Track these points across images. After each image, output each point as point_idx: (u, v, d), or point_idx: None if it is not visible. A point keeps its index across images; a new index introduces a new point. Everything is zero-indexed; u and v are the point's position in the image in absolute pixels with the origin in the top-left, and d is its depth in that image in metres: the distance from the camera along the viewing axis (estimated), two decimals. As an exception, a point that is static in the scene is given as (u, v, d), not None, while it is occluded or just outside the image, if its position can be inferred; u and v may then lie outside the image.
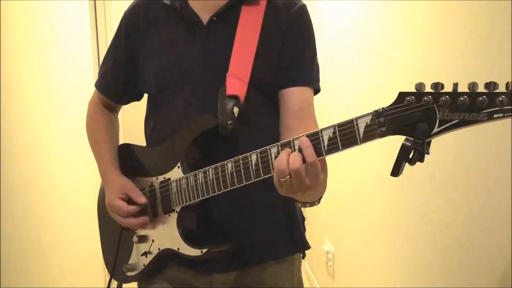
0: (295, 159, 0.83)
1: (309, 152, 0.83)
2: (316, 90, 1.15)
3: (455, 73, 1.23)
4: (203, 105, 1.09)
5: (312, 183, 0.85)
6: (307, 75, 1.12)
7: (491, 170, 1.10)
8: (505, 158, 1.02)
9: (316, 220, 2.73)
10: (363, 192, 2.08)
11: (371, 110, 0.79)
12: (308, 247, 1.21)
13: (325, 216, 2.69)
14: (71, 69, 2.36)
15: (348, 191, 2.26)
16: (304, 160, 0.83)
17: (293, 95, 1.10)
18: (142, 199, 1.14)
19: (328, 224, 2.70)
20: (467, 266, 1.20)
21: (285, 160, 0.84)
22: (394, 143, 0.77)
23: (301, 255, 1.23)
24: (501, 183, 1.04)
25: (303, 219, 1.22)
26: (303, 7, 1.14)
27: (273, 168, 0.89)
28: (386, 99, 0.77)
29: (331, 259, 2.61)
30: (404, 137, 0.75)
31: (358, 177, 2.08)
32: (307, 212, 1.27)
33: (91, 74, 2.74)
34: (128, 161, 1.23)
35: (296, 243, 1.20)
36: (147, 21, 1.16)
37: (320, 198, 0.98)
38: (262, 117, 1.13)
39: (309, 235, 1.22)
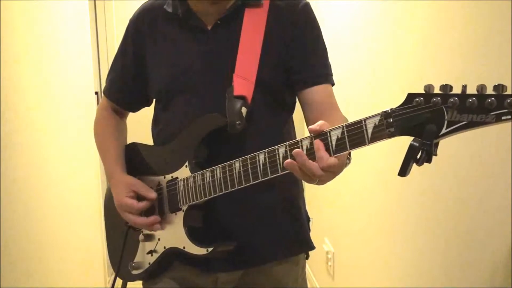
0: (312, 169, 0.85)
1: (321, 154, 0.85)
2: (332, 84, 1.15)
3: (455, 73, 1.23)
4: (208, 106, 1.10)
5: (337, 170, 0.89)
6: (322, 72, 1.13)
7: (491, 170, 1.10)
8: (505, 158, 1.02)
9: (316, 220, 2.72)
10: (363, 192, 2.08)
11: (372, 110, 0.79)
12: (312, 247, 1.22)
13: (325, 216, 2.69)
14: (71, 69, 2.35)
15: (348, 191, 2.26)
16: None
17: (314, 95, 1.11)
18: (152, 194, 1.14)
19: (328, 224, 2.70)
20: (467, 266, 1.20)
21: (310, 171, 0.86)
22: (394, 144, 0.77)
23: (305, 255, 1.23)
24: (501, 183, 1.04)
25: (308, 219, 1.22)
26: (307, 6, 1.14)
27: (280, 168, 0.90)
28: (385, 99, 0.77)
29: (331, 259, 2.61)
30: (410, 138, 0.75)
31: (358, 177, 2.08)
32: (308, 211, 1.27)
33: (91, 74, 2.73)
34: (136, 160, 1.24)
35: (301, 243, 1.21)
36: (153, 27, 1.18)
37: (349, 159, 1.02)
38: (269, 117, 1.13)
39: (309, 235, 1.22)
